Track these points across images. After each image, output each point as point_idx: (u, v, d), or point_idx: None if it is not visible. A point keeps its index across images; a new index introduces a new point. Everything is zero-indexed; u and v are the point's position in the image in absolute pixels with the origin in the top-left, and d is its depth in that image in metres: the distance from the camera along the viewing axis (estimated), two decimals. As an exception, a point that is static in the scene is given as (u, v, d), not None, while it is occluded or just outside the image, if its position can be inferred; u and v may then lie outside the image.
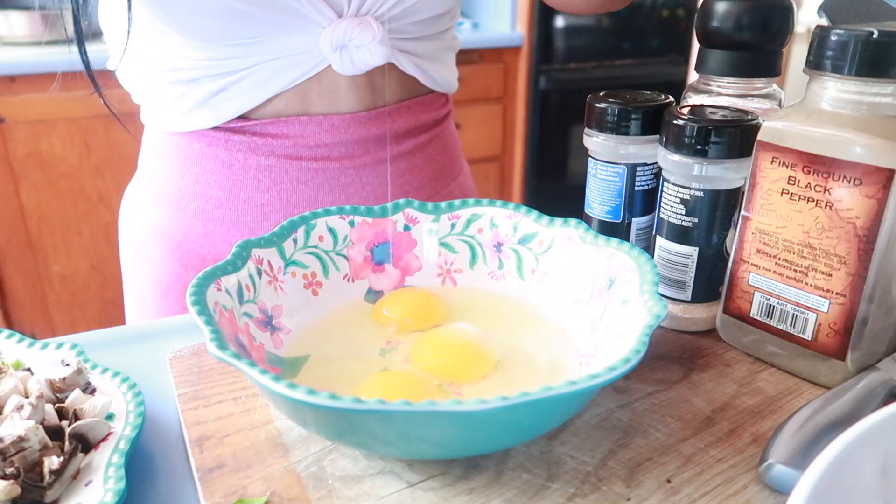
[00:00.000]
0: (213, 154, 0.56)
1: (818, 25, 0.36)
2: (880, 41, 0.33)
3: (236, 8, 0.48)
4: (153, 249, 0.61)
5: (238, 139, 0.56)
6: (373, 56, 0.52)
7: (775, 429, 0.34)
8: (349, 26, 0.50)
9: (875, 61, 0.33)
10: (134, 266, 0.64)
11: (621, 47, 2.28)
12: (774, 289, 0.39)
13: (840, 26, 0.34)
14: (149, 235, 0.61)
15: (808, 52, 0.36)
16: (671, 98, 0.46)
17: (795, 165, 0.36)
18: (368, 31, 0.50)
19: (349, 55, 0.52)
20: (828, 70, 0.35)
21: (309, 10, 0.50)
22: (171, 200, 0.59)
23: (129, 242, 0.64)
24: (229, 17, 0.49)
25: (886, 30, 0.33)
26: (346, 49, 0.52)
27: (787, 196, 0.37)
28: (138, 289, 0.64)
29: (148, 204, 0.61)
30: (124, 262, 0.66)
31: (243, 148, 0.56)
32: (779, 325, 0.39)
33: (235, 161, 0.56)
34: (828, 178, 0.35)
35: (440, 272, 0.45)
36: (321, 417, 0.29)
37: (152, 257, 0.61)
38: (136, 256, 0.63)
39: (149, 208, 0.61)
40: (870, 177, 0.34)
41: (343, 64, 0.52)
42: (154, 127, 0.60)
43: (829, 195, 0.35)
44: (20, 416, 0.32)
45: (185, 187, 0.58)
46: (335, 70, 0.53)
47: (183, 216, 0.59)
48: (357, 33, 0.50)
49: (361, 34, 0.50)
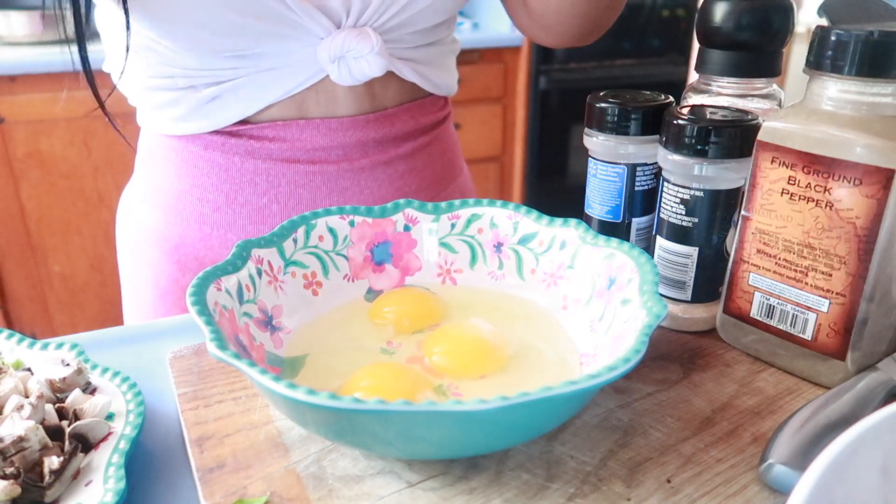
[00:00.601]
0: (209, 157, 0.56)
1: (818, 25, 0.36)
2: (880, 41, 0.33)
3: (235, 21, 0.48)
4: (150, 252, 0.61)
5: (235, 143, 0.55)
6: (371, 67, 0.51)
7: (775, 429, 0.34)
8: (347, 37, 0.50)
9: (875, 61, 0.33)
10: (131, 269, 0.64)
11: (621, 47, 2.28)
12: (774, 289, 0.39)
13: (840, 26, 0.35)
14: (145, 238, 0.61)
15: (808, 52, 0.36)
16: (671, 98, 0.46)
17: (795, 165, 0.36)
18: (367, 42, 0.50)
19: (347, 66, 0.52)
20: (828, 70, 0.35)
21: (307, 21, 0.49)
22: (168, 204, 0.59)
23: (126, 245, 0.64)
24: (228, 30, 0.49)
25: (886, 30, 0.33)
26: (344, 60, 0.51)
27: (787, 196, 0.37)
28: (135, 291, 0.64)
29: (144, 206, 0.61)
30: (122, 264, 0.66)
31: (240, 151, 0.56)
32: (779, 325, 0.39)
33: (232, 164, 0.56)
34: (828, 178, 0.35)
35: (440, 272, 0.45)
36: (321, 417, 0.29)
37: (149, 260, 0.61)
38: (133, 259, 0.63)
39: (145, 211, 0.61)
40: (870, 177, 0.34)
41: (341, 75, 0.52)
42: (150, 129, 0.60)
43: (829, 195, 0.35)
44: (20, 416, 0.32)
45: (182, 190, 0.58)
46: (333, 81, 0.53)
47: (179, 219, 0.59)
48: (355, 45, 0.50)
49: (359, 45, 0.50)
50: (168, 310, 0.61)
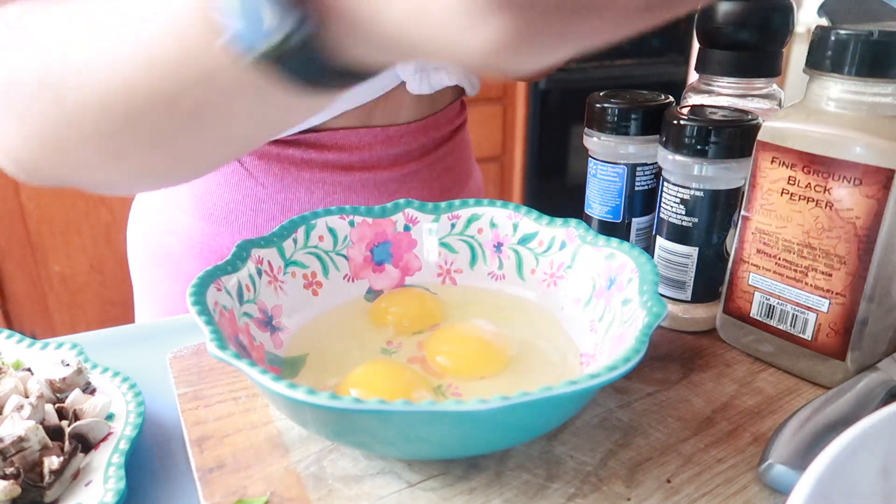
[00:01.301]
0: (265, 167, 0.55)
1: (818, 25, 0.36)
2: (880, 41, 0.33)
3: None
4: (191, 264, 0.59)
5: (292, 152, 0.55)
6: (450, 77, 0.53)
7: (775, 429, 0.34)
8: None
9: (875, 61, 0.33)
10: (159, 279, 0.62)
11: (621, 47, 2.27)
12: (774, 289, 0.39)
13: (840, 26, 0.34)
14: (188, 250, 0.59)
15: (808, 52, 0.36)
16: (671, 98, 0.46)
17: (795, 165, 0.36)
18: None
19: (427, 76, 0.53)
20: (828, 70, 0.35)
21: None
22: (217, 215, 0.57)
23: (158, 255, 0.62)
24: None
25: (886, 30, 0.33)
26: (426, 70, 0.52)
27: (787, 196, 0.37)
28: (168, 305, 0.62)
29: (186, 217, 0.59)
30: (144, 276, 0.64)
31: (296, 161, 0.55)
32: (779, 325, 0.39)
33: (288, 174, 0.55)
34: (828, 178, 0.35)
35: (440, 272, 0.45)
36: (321, 417, 0.29)
37: (189, 273, 0.58)
38: (168, 272, 0.61)
39: (188, 222, 0.59)
40: (869, 177, 0.34)
41: (420, 85, 0.53)
42: None
43: (830, 195, 0.35)
44: (20, 416, 0.32)
45: (235, 201, 0.57)
46: (409, 90, 0.54)
47: (229, 231, 0.57)
48: None
49: None
50: None
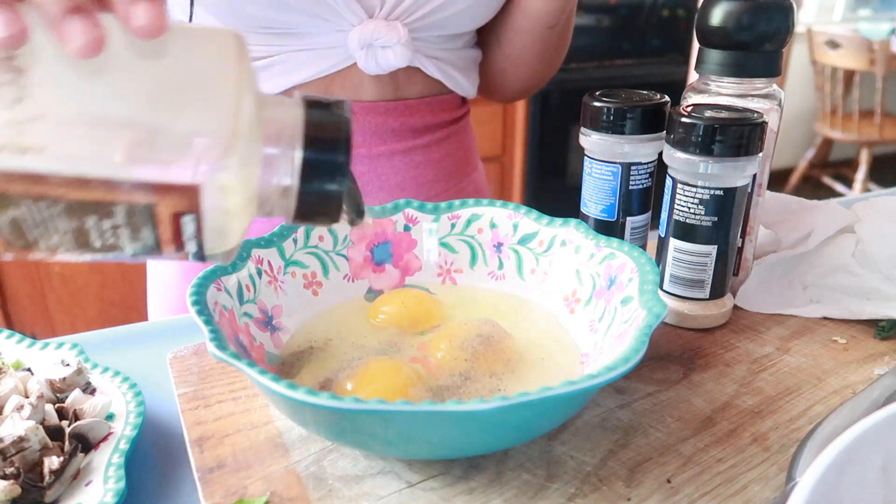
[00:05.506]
0: None
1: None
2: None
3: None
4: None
5: None
6: (396, 57, 0.53)
7: (798, 445, 0.32)
8: (377, 26, 0.52)
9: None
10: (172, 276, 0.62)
11: (621, 47, 2.28)
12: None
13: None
14: None
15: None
16: (666, 97, 0.46)
17: None
18: (394, 33, 0.52)
19: (374, 55, 0.53)
20: None
21: (342, 7, 0.51)
22: None
23: None
24: (268, 4, 0.50)
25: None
26: (372, 48, 0.53)
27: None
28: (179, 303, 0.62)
29: None
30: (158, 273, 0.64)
31: None
32: None
33: None
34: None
35: (440, 272, 0.45)
36: (321, 417, 0.29)
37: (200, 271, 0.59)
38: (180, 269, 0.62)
39: None
40: None
41: (368, 63, 0.54)
42: None
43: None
44: (20, 416, 0.32)
45: None
46: (360, 68, 0.54)
47: None
48: (384, 34, 0.52)
49: (388, 35, 0.52)
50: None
